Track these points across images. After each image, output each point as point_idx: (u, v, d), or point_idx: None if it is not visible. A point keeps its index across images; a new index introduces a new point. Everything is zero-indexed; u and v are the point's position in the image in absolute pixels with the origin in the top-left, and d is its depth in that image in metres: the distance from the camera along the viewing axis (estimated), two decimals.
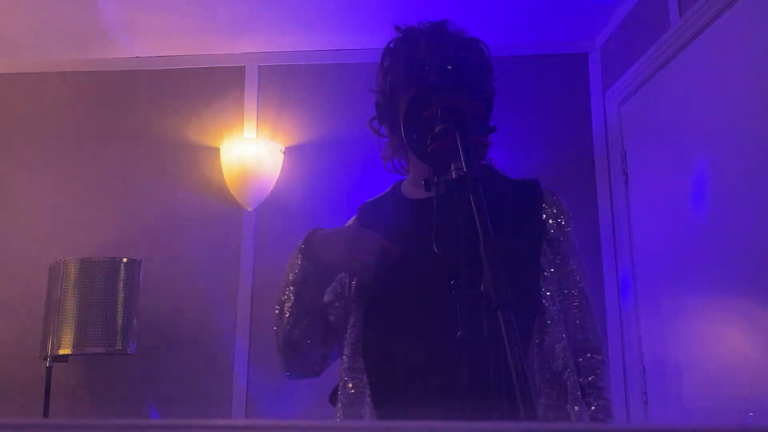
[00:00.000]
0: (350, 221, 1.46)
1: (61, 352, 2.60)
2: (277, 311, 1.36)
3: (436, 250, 1.08)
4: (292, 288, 1.32)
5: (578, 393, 1.24)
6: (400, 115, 1.26)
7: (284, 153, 3.21)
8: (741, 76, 2.09)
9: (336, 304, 1.37)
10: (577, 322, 1.32)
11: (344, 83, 3.27)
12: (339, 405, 1.29)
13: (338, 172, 3.20)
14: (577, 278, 1.35)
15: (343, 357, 1.31)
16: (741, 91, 2.09)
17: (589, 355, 1.31)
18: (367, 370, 1.27)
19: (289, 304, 1.33)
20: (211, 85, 3.32)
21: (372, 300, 1.30)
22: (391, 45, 1.38)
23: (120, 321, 2.64)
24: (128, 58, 3.35)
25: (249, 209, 3.16)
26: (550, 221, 1.36)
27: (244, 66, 3.32)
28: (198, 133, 3.27)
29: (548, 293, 1.28)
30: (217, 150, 3.22)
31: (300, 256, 1.30)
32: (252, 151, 3.14)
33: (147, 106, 3.33)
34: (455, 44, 1.33)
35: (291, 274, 1.32)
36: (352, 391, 1.27)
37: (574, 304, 1.33)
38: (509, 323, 0.76)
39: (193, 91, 3.32)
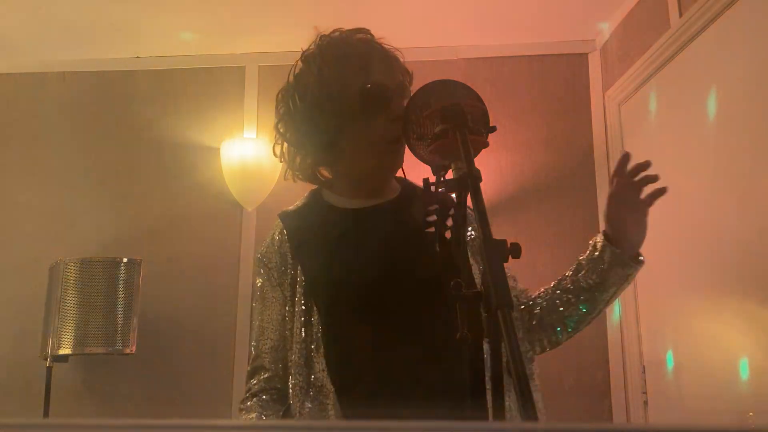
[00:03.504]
0: (275, 232, 1.38)
1: (61, 352, 2.60)
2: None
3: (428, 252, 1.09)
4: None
5: None
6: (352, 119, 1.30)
7: None
8: (740, 76, 2.09)
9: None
10: None
11: None
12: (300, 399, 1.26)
13: None
14: None
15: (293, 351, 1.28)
16: (741, 91, 2.09)
17: None
18: (329, 367, 1.24)
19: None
20: (211, 85, 3.32)
21: (331, 303, 1.27)
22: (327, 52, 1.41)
23: (120, 321, 2.64)
24: (128, 58, 3.35)
25: (249, 209, 3.16)
26: None
27: (244, 66, 3.31)
28: (198, 133, 3.27)
29: None
30: (217, 150, 3.22)
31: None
32: (252, 151, 3.14)
33: (147, 106, 3.33)
34: (385, 55, 1.42)
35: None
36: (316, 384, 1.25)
37: None
38: (509, 323, 0.76)
39: (193, 91, 3.32)
